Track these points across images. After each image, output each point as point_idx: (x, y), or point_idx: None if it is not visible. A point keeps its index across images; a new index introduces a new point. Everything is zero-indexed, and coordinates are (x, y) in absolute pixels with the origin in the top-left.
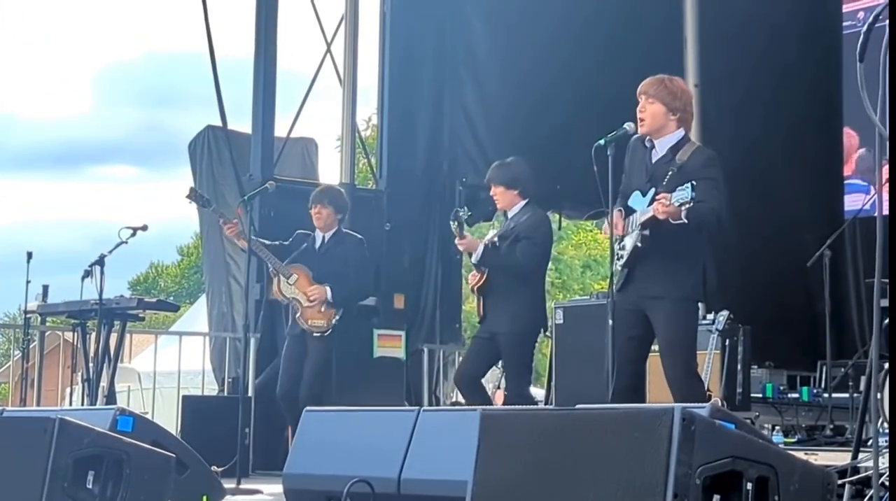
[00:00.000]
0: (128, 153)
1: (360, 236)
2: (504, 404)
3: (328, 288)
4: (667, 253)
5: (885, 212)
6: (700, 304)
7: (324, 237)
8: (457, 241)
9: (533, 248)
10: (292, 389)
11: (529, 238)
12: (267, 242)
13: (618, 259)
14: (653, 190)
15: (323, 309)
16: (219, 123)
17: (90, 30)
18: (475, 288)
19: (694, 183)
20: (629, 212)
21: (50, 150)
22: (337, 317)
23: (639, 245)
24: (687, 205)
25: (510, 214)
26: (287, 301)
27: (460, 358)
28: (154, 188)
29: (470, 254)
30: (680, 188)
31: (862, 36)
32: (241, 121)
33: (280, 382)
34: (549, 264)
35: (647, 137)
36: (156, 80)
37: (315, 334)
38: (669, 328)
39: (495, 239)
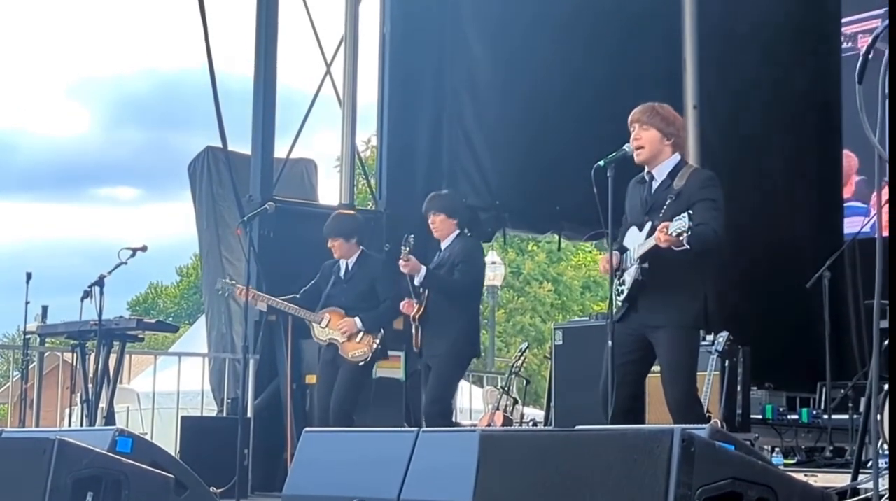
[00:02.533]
0: (130, 174)
1: (381, 256)
2: (426, 414)
3: (357, 320)
4: (668, 284)
5: (885, 233)
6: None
7: (347, 264)
8: (400, 263)
9: (470, 270)
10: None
11: (465, 261)
12: (295, 296)
13: (618, 295)
14: (650, 223)
15: (360, 339)
16: (219, 144)
17: (95, 50)
18: (414, 318)
19: (690, 212)
20: (623, 251)
21: (53, 171)
22: (377, 342)
23: (639, 278)
24: (685, 235)
25: (444, 245)
26: (325, 343)
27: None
28: (154, 209)
29: (412, 278)
30: (677, 218)
31: (861, 58)
32: (245, 141)
33: (320, 411)
34: (549, 285)
35: (646, 171)
36: (160, 101)
37: (360, 364)
38: (671, 354)
39: (431, 267)
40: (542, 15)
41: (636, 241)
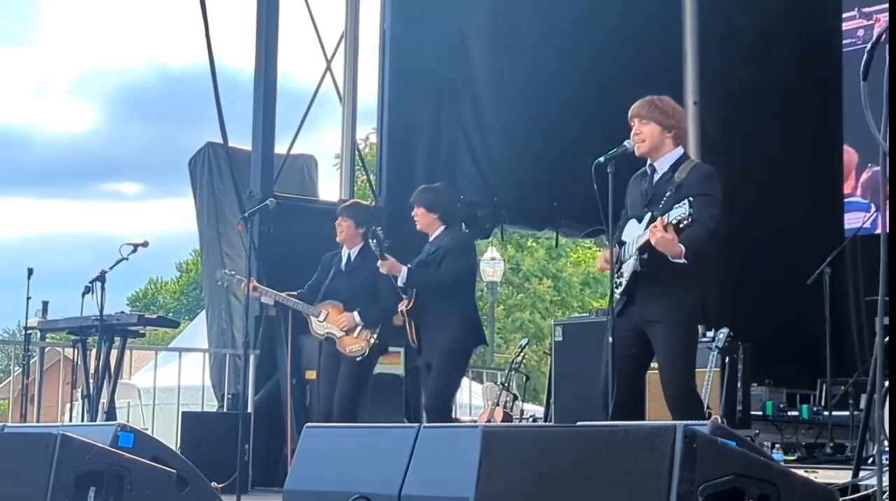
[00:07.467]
0: (135, 169)
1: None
2: (427, 408)
3: (356, 314)
4: (666, 277)
5: (889, 229)
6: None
7: (349, 254)
8: (379, 264)
9: (457, 261)
10: (331, 407)
11: (452, 251)
12: (294, 293)
13: (616, 287)
14: (649, 215)
15: (357, 334)
16: (220, 140)
17: (101, 45)
18: (405, 313)
19: (691, 199)
20: (622, 244)
21: (58, 167)
22: (374, 337)
23: (638, 269)
24: (685, 222)
25: (431, 238)
26: (323, 337)
27: None
28: (156, 204)
29: (395, 278)
30: (677, 205)
31: (865, 55)
32: (247, 138)
33: (322, 404)
34: (548, 282)
35: (648, 164)
36: (166, 96)
37: (357, 358)
38: (669, 350)
39: (417, 260)
40: (541, 11)
41: (635, 233)
